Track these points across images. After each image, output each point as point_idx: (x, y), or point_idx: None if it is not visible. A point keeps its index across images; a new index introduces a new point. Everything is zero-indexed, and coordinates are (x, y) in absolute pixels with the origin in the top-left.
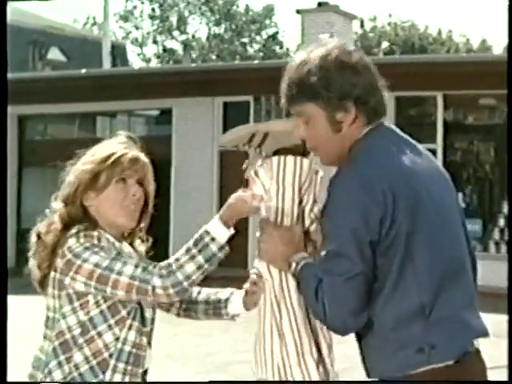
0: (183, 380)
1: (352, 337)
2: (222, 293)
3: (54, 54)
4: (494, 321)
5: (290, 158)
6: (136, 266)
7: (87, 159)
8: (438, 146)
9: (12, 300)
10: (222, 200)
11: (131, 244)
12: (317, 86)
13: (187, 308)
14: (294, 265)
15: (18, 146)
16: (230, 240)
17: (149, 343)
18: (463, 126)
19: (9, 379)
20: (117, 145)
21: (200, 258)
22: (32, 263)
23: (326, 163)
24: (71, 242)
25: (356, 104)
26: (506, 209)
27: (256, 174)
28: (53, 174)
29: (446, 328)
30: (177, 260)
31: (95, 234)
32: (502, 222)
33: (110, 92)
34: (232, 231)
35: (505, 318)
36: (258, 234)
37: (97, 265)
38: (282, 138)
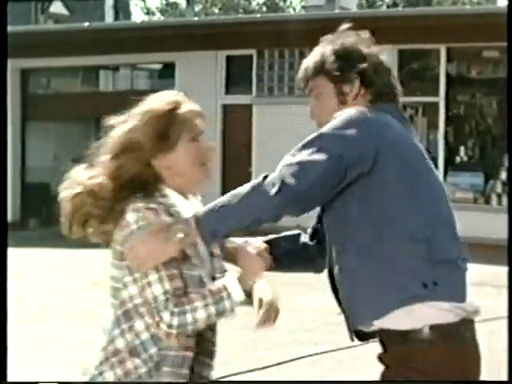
0: None
1: None
2: None
3: (57, 7)
4: (495, 272)
5: None
6: (165, 292)
7: (147, 115)
8: (441, 99)
9: (17, 252)
10: (225, 154)
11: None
12: (326, 61)
13: None
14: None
15: (21, 99)
16: None
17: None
18: (466, 79)
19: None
20: (177, 98)
21: (213, 310)
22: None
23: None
24: (130, 217)
25: (362, 81)
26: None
27: None
28: (56, 128)
29: (448, 270)
30: (191, 300)
31: (153, 206)
32: (503, 175)
33: (113, 45)
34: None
35: (506, 269)
36: None
37: None
38: None
